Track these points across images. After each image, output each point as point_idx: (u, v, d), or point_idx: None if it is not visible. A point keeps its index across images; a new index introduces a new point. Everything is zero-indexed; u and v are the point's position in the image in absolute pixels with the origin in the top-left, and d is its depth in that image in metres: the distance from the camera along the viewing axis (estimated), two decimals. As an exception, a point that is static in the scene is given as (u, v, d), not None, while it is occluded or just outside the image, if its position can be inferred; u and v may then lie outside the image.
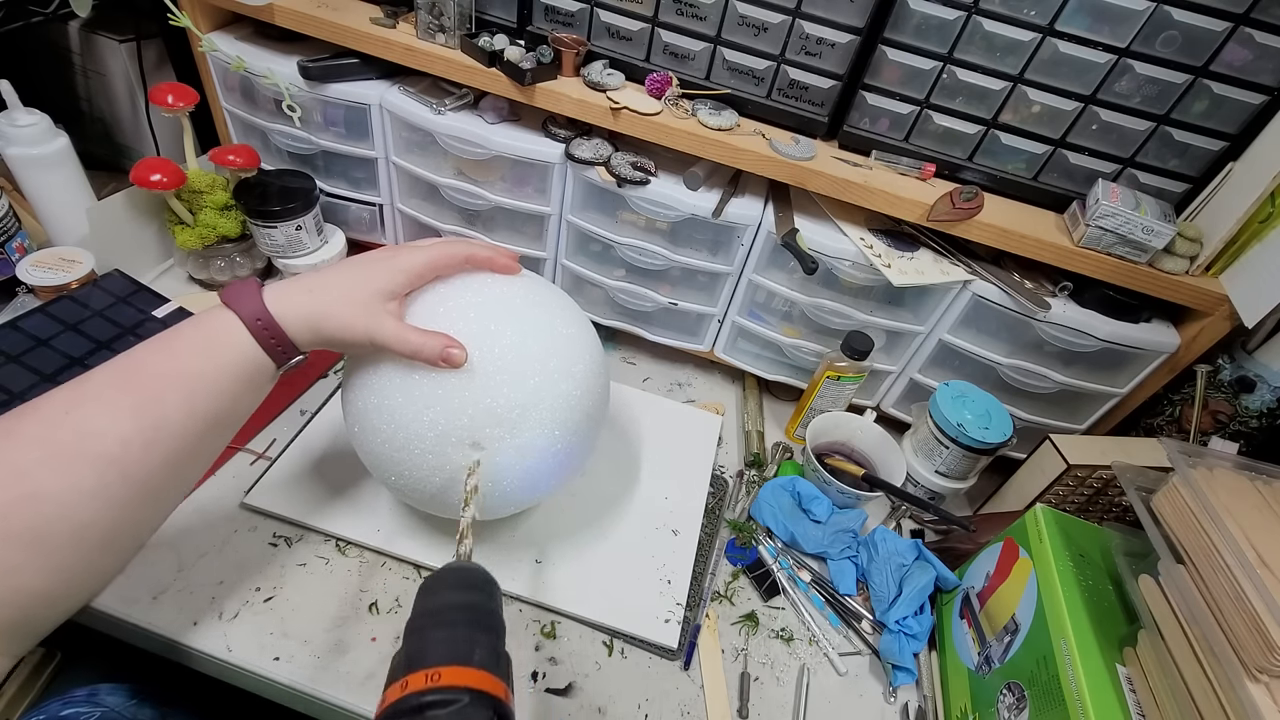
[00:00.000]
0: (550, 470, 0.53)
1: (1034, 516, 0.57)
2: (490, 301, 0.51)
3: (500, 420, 0.48)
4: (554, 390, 0.50)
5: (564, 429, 0.51)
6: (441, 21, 0.70)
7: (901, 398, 0.84)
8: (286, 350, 0.44)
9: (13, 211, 0.73)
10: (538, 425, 0.50)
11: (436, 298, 0.50)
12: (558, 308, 0.54)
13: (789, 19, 0.65)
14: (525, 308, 0.52)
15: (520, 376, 0.49)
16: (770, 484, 0.73)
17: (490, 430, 0.48)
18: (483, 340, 0.48)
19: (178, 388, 0.40)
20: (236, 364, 0.42)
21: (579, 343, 0.54)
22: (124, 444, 0.38)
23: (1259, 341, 0.69)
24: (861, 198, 0.67)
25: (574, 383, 0.52)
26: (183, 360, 0.41)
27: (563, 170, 0.74)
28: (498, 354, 0.48)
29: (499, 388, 0.48)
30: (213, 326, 0.43)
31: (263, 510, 0.61)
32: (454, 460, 0.49)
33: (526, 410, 0.49)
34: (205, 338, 0.42)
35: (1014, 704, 0.51)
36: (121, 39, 0.83)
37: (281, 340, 0.44)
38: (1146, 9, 0.58)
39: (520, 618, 0.59)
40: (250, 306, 0.43)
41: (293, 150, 0.82)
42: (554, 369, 0.51)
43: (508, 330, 0.50)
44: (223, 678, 0.54)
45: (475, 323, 0.49)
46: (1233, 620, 0.41)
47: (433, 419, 0.48)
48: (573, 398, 0.51)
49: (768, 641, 0.62)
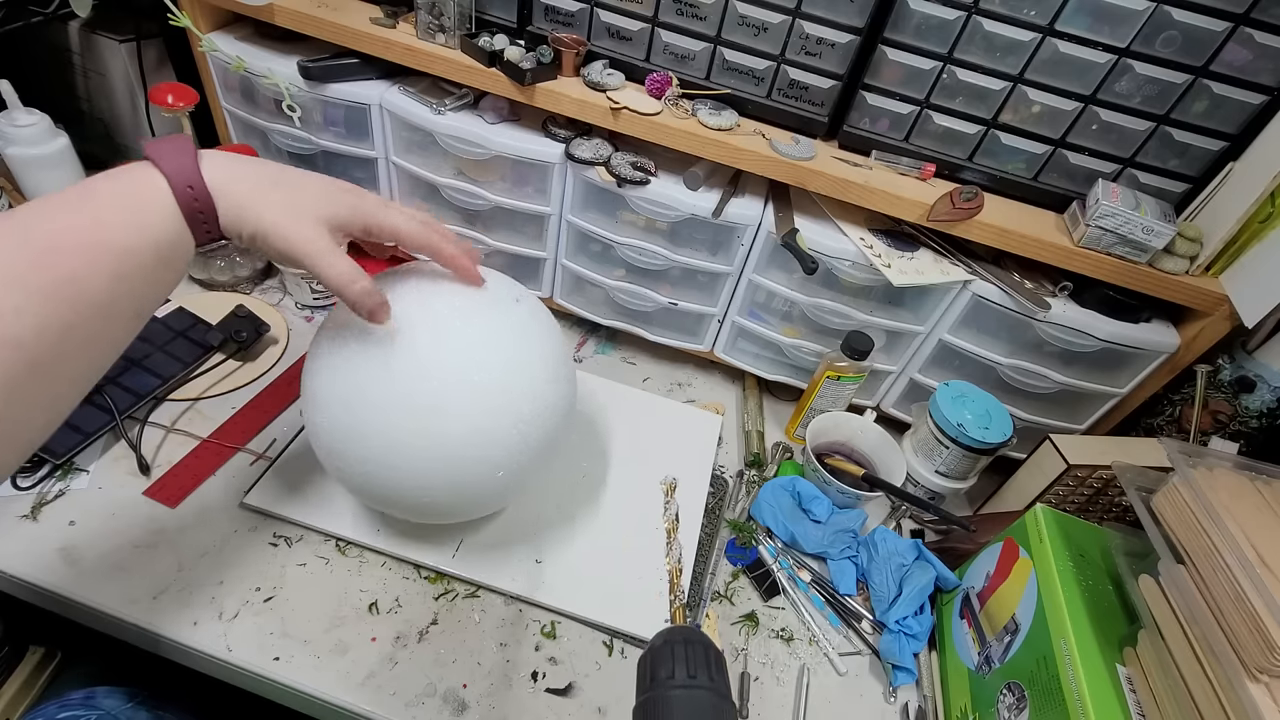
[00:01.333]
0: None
1: (1034, 516, 0.57)
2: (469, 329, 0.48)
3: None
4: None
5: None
6: (441, 21, 0.70)
7: (901, 398, 0.84)
8: (212, 230, 0.38)
9: (13, 211, 0.73)
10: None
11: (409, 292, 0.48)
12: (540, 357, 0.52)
13: (789, 19, 0.65)
14: (505, 345, 0.50)
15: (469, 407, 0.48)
16: (770, 484, 0.73)
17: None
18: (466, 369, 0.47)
19: (99, 264, 0.33)
20: (160, 237, 0.36)
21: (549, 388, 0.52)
22: (37, 330, 0.31)
23: (1259, 341, 0.69)
24: (861, 198, 0.67)
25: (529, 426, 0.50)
26: (104, 230, 0.34)
27: (563, 170, 0.74)
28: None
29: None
30: (138, 189, 0.36)
31: (263, 510, 0.61)
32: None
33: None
34: (129, 202, 0.35)
35: (1014, 704, 0.51)
36: (121, 39, 0.83)
37: (210, 216, 0.37)
38: (1146, 9, 0.58)
39: (520, 618, 0.59)
40: (182, 169, 0.36)
41: (293, 150, 0.82)
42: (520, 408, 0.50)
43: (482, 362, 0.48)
44: (223, 678, 0.54)
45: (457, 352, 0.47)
46: (1233, 620, 0.41)
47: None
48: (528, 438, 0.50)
49: (768, 641, 0.62)
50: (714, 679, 0.33)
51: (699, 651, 0.34)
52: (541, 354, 0.51)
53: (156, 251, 0.36)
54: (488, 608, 0.59)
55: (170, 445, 0.64)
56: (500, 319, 0.50)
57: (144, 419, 0.65)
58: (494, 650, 0.56)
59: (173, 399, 0.68)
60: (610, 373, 0.86)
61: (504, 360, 0.49)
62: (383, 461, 0.47)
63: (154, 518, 0.58)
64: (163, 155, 0.36)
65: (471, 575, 0.60)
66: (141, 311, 0.38)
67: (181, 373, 0.69)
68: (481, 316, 0.49)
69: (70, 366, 0.34)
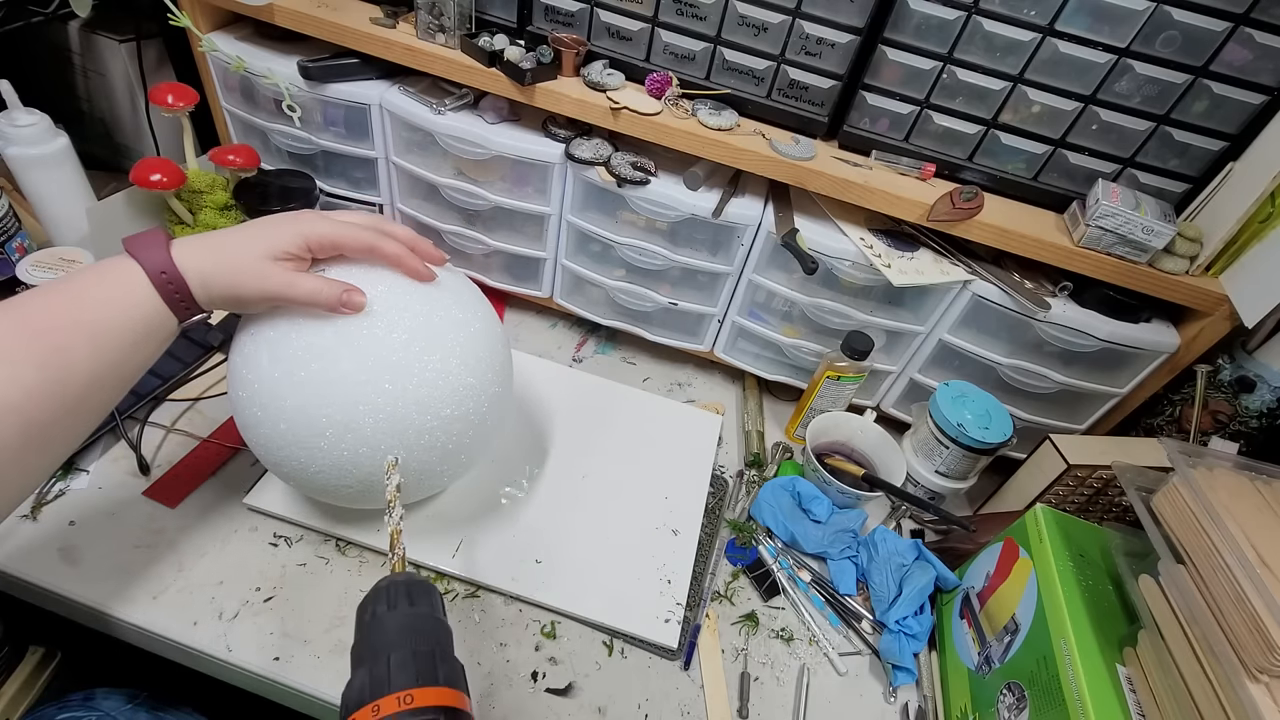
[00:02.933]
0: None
1: (1034, 516, 0.57)
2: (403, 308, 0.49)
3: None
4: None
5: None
6: (441, 21, 0.70)
7: (901, 398, 0.84)
8: (189, 306, 0.44)
9: (13, 211, 0.73)
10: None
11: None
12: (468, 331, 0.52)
13: (789, 19, 0.65)
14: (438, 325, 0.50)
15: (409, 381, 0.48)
16: (770, 484, 0.73)
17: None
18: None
19: (84, 339, 0.40)
20: (140, 316, 0.42)
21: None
22: (27, 393, 0.37)
23: (1259, 341, 0.69)
24: (861, 198, 0.67)
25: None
26: (88, 310, 0.40)
27: (563, 170, 0.74)
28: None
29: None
30: (117, 277, 0.41)
31: (263, 510, 0.61)
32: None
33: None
34: (110, 288, 0.41)
35: (1014, 704, 0.51)
36: (121, 39, 0.83)
37: (185, 296, 0.43)
38: (1146, 9, 0.58)
39: (520, 618, 0.59)
40: (155, 259, 0.42)
41: (293, 150, 0.82)
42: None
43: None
44: (223, 678, 0.54)
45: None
46: (1233, 620, 0.41)
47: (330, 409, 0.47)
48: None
49: (768, 641, 0.62)
50: (414, 604, 0.38)
51: (399, 589, 0.39)
52: (457, 339, 0.51)
53: (135, 329, 0.41)
54: (488, 608, 0.59)
55: (170, 445, 0.64)
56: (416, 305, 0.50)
57: (144, 419, 0.65)
58: (494, 650, 0.56)
59: (173, 399, 0.68)
60: (610, 373, 0.86)
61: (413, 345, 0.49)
62: (301, 445, 0.48)
63: (154, 518, 0.58)
64: (138, 248, 0.42)
65: (471, 575, 0.60)
66: (124, 380, 0.43)
67: (181, 373, 0.69)
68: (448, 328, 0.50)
69: (59, 427, 0.40)
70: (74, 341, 0.39)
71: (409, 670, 0.34)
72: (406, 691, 0.33)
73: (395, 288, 0.49)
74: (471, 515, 0.64)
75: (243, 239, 0.45)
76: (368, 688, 0.33)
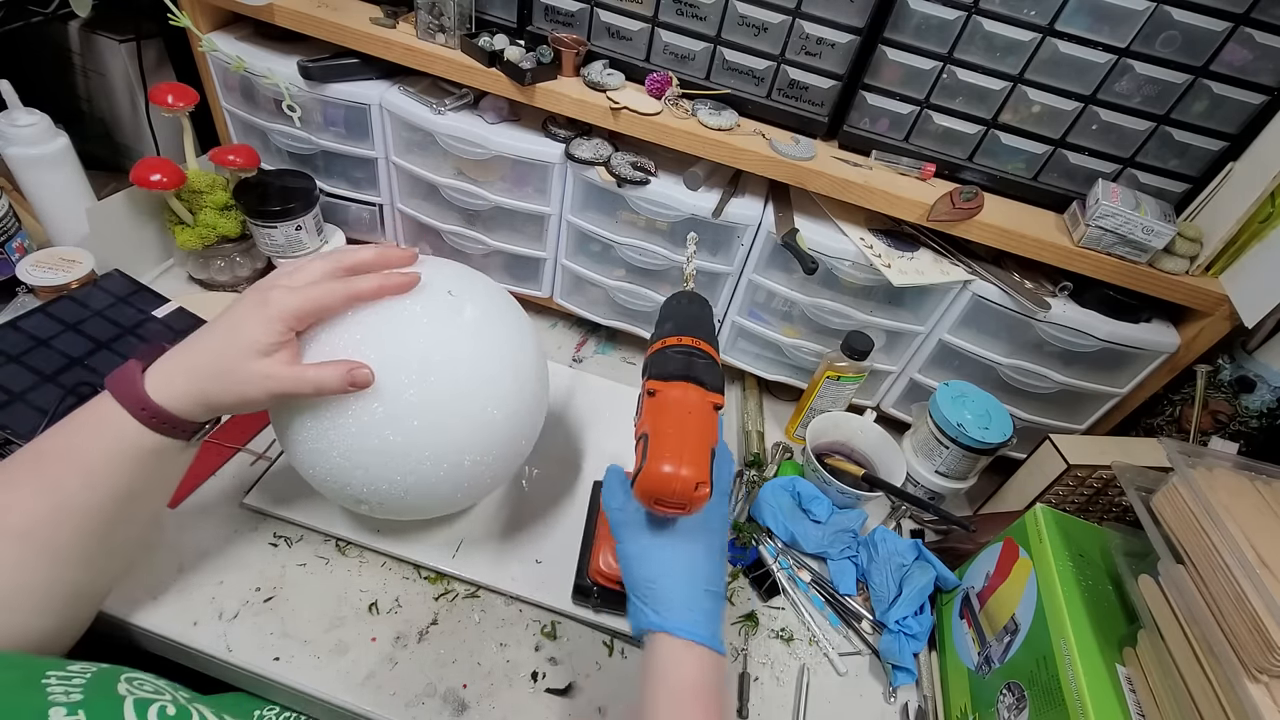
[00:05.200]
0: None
1: (1034, 516, 0.57)
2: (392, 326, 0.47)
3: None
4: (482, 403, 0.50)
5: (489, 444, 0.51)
6: (441, 21, 0.70)
7: (901, 398, 0.84)
8: (184, 429, 0.43)
9: (13, 211, 0.73)
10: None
11: (336, 333, 0.46)
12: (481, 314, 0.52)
13: (789, 19, 0.65)
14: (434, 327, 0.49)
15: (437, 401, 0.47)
16: (770, 484, 0.73)
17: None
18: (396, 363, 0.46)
19: (76, 474, 0.41)
20: (130, 449, 0.42)
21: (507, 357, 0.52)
22: (35, 522, 0.40)
23: (1259, 341, 0.69)
24: (861, 198, 0.67)
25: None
26: (79, 449, 0.42)
27: (563, 170, 0.74)
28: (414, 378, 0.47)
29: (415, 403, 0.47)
30: (103, 416, 0.42)
31: (263, 510, 0.61)
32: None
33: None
34: (97, 427, 0.42)
35: (1014, 704, 0.51)
36: (121, 39, 0.83)
37: (173, 422, 0.42)
38: (1146, 9, 0.58)
39: (520, 618, 0.59)
40: (132, 397, 0.41)
41: (293, 150, 0.82)
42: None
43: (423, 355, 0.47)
44: (223, 678, 0.54)
45: (378, 348, 0.46)
46: (1233, 620, 0.41)
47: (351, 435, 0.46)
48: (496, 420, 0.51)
49: (768, 641, 0.62)
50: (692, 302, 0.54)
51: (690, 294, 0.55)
52: (498, 351, 0.51)
53: (129, 458, 0.42)
54: (488, 608, 0.59)
55: (170, 445, 0.64)
56: (443, 327, 0.49)
57: (144, 419, 0.65)
58: (494, 650, 0.56)
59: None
60: (610, 373, 0.86)
61: (454, 364, 0.48)
62: (355, 464, 0.48)
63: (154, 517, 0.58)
64: (114, 385, 0.42)
65: (471, 575, 0.60)
66: (139, 499, 0.44)
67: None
68: (420, 328, 0.48)
69: (83, 547, 0.42)
70: (66, 474, 0.41)
71: (694, 330, 0.50)
72: (693, 339, 0.49)
73: (399, 335, 0.47)
74: (471, 515, 0.64)
75: (222, 345, 0.43)
76: (670, 333, 0.50)
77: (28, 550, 0.40)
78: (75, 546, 0.41)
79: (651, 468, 0.42)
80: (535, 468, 0.69)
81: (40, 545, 0.40)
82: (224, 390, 0.43)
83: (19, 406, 0.59)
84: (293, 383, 0.43)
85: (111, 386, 0.42)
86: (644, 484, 0.43)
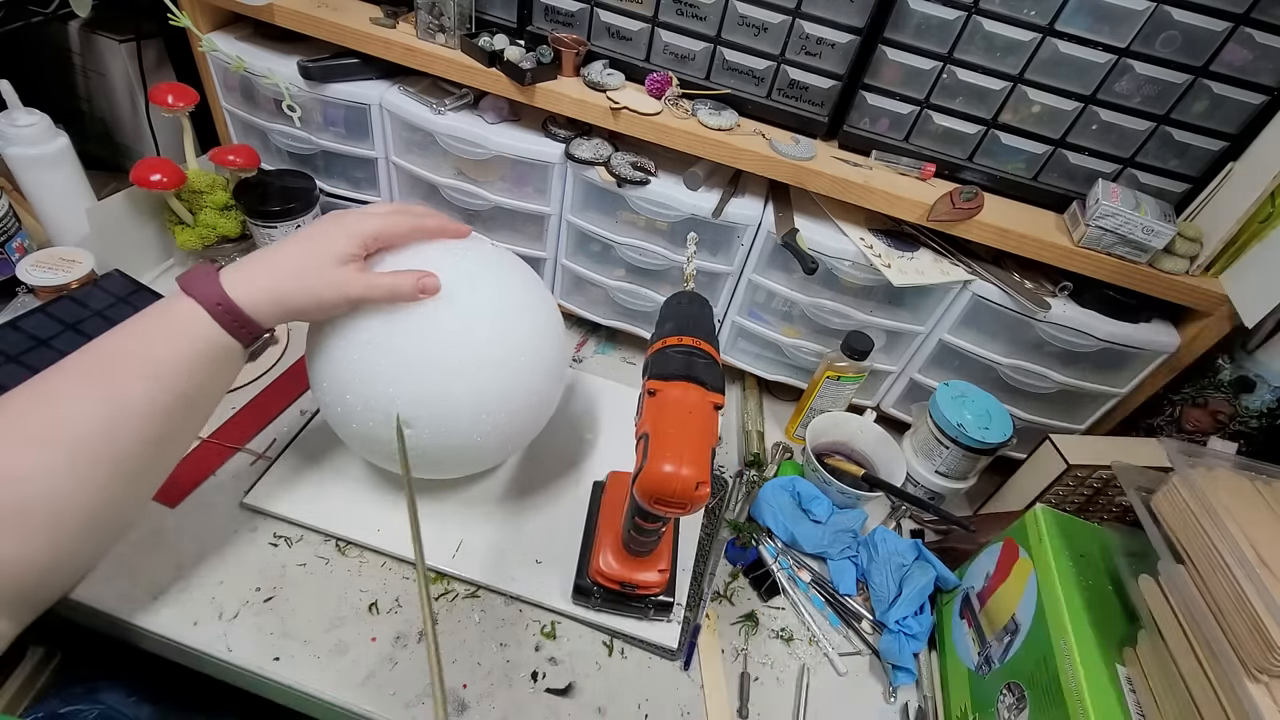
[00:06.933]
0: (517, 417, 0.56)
1: (1034, 516, 0.57)
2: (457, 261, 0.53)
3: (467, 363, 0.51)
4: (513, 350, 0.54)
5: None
6: (441, 21, 0.70)
7: (901, 398, 0.84)
8: (251, 330, 0.45)
9: (13, 211, 0.73)
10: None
11: (399, 260, 0.52)
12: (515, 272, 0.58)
13: (789, 19, 0.65)
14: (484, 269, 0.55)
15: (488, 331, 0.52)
16: (770, 484, 0.73)
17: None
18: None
19: (143, 373, 0.41)
20: (201, 348, 0.43)
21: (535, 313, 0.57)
22: (91, 429, 0.39)
23: (1259, 341, 0.69)
24: (861, 198, 0.67)
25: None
26: (146, 349, 0.42)
27: (563, 170, 0.74)
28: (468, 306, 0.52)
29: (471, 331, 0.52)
30: (175, 313, 0.43)
31: (263, 510, 0.61)
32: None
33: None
34: (169, 325, 0.43)
35: (1014, 704, 0.51)
36: (121, 39, 0.83)
37: (244, 322, 0.45)
38: (1146, 9, 0.58)
39: (520, 618, 0.59)
40: (209, 292, 0.43)
41: (293, 150, 0.82)
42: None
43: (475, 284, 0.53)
44: (223, 678, 0.54)
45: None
46: (1233, 620, 0.41)
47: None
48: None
49: (768, 641, 0.62)
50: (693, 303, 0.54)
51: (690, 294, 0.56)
52: (534, 302, 0.57)
53: (196, 360, 0.43)
54: (488, 608, 0.59)
55: (170, 445, 0.64)
56: (504, 273, 0.56)
57: (144, 419, 0.65)
58: (494, 650, 0.56)
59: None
60: (610, 373, 0.86)
61: (515, 308, 0.55)
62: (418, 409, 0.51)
63: (154, 518, 0.58)
64: (192, 284, 0.44)
65: (471, 575, 0.60)
66: (198, 406, 0.46)
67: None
68: (491, 271, 0.55)
69: (140, 457, 0.42)
70: (133, 376, 0.41)
71: (694, 329, 0.50)
72: (693, 338, 0.49)
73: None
74: (471, 515, 0.64)
75: (303, 252, 0.47)
76: (670, 333, 0.50)
77: (84, 459, 0.39)
78: (131, 457, 0.41)
79: (652, 467, 0.42)
80: (535, 466, 0.69)
81: (97, 454, 0.40)
82: (301, 290, 0.46)
83: None
84: (368, 287, 0.48)
85: (186, 285, 0.44)
86: (644, 484, 0.43)
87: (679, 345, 0.49)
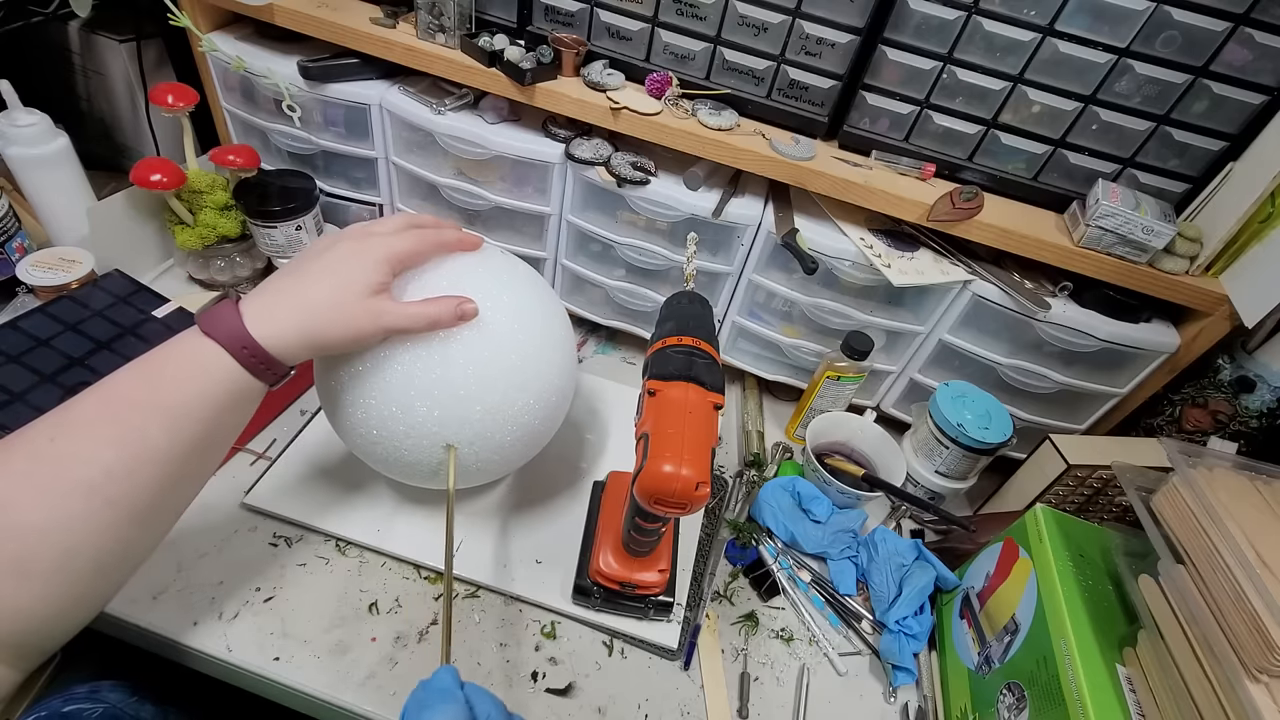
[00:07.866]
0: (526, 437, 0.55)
1: (1034, 516, 0.57)
2: (477, 274, 0.53)
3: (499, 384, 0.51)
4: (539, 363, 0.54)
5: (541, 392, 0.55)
6: (441, 21, 0.70)
7: (901, 398, 0.84)
8: (276, 371, 0.43)
9: (13, 211, 0.73)
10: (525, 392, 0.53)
11: (427, 282, 0.51)
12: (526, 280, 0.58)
13: (789, 19, 0.65)
14: (511, 281, 0.55)
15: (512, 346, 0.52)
16: (770, 484, 0.73)
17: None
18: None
19: (160, 419, 0.40)
20: (225, 390, 0.42)
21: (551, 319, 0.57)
22: (107, 473, 0.38)
23: (1259, 341, 0.69)
24: (861, 198, 0.67)
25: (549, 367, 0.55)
26: (165, 392, 0.40)
27: (563, 170, 0.74)
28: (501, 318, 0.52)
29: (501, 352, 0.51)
30: (196, 357, 0.41)
31: (263, 510, 0.61)
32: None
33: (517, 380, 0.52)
34: (189, 368, 0.41)
35: (1014, 704, 0.51)
36: (121, 39, 0.83)
37: (270, 364, 0.43)
38: (1146, 9, 0.58)
39: (520, 618, 0.59)
40: (234, 334, 0.41)
41: (293, 150, 0.82)
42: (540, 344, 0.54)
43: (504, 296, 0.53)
44: (223, 678, 0.54)
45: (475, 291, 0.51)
46: (1233, 620, 0.41)
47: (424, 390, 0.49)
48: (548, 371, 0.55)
49: (768, 641, 0.62)
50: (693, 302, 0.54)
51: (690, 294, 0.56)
52: (552, 311, 0.57)
53: (215, 404, 0.41)
54: (488, 608, 0.59)
55: (170, 445, 0.64)
56: (519, 281, 0.56)
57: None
58: (494, 650, 0.56)
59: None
60: (610, 373, 0.86)
61: (541, 315, 0.55)
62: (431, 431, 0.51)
63: (154, 518, 0.58)
64: (213, 325, 0.41)
65: (471, 575, 0.60)
66: (214, 448, 0.44)
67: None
68: (509, 282, 0.55)
69: (152, 504, 0.40)
70: (150, 422, 0.39)
71: (695, 330, 0.50)
72: (693, 339, 0.49)
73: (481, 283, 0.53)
74: (472, 515, 0.64)
75: (333, 286, 0.44)
76: (670, 333, 0.50)
77: (99, 504, 0.38)
78: (146, 501, 0.40)
79: (652, 467, 0.42)
80: (535, 466, 0.69)
81: (112, 499, 0.38)
82: (334, 325, 0.44)
83: (19, 407, 0.59)
84: (409, 319, 0.46)
85: (209, 327, 0.41)
86: (644, 483, 0.43)
87: (679, 345, 0.49)
